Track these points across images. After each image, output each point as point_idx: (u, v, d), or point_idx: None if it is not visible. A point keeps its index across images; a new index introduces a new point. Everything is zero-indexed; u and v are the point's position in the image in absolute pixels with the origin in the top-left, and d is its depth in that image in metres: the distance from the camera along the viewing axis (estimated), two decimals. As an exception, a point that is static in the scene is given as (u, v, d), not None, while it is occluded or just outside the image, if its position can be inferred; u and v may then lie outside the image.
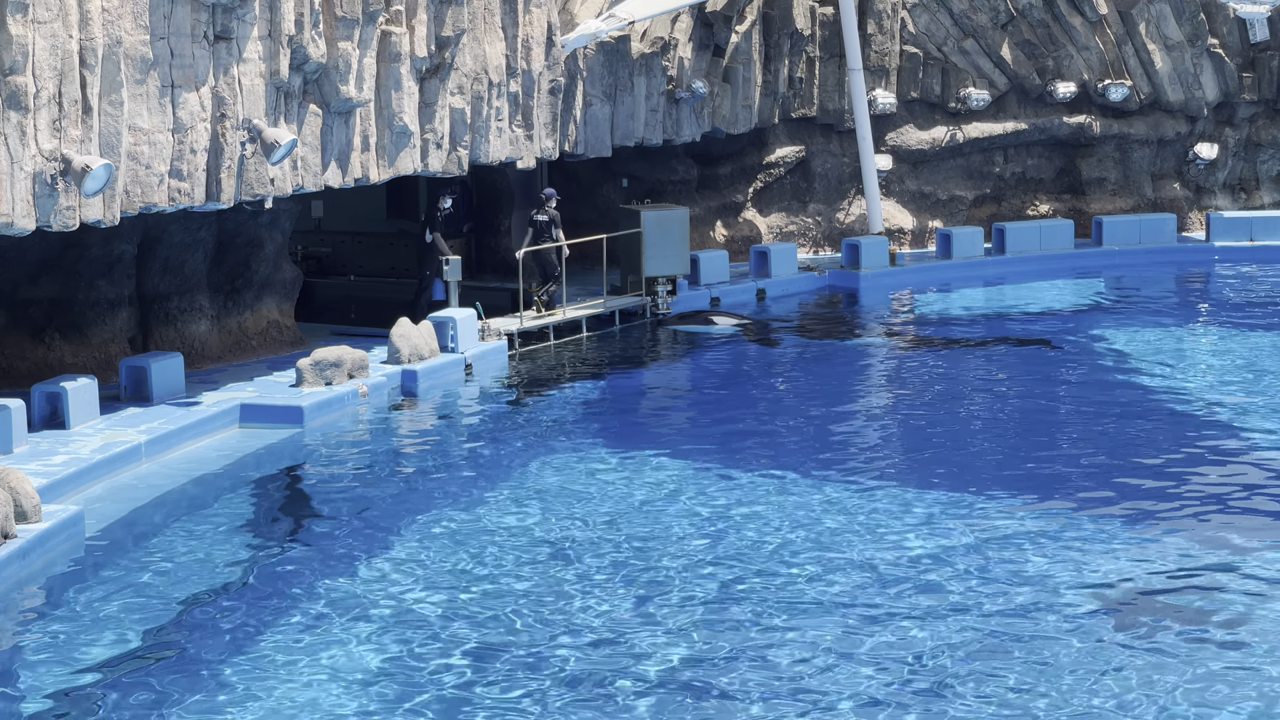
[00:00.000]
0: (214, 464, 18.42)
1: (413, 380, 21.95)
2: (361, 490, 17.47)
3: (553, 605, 13.64)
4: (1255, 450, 18.41)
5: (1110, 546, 14.86)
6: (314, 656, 12.62)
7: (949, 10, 33.28)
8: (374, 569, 14.70)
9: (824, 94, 32.53)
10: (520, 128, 25.11)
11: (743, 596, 13.75)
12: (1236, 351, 24.00)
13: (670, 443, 19.35)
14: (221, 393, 20.48)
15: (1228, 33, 34.36)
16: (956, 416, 20.34)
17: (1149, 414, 20.25)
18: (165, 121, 18.32)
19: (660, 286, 27.26)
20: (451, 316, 23.11)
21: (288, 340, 23.44)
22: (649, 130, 28.40)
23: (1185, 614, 13.21)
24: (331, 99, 20.79)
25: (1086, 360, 23.67)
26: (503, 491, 17.21)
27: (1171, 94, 34.03)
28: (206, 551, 15.33)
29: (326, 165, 21.03)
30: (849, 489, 16.95)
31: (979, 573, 14.21)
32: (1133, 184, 34.64)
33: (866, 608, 13.43)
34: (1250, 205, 35.12)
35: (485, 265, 29.01)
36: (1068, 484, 17.15)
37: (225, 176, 19.04)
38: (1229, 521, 15.67)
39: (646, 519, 16.03)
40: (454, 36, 23.04)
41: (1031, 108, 34.06)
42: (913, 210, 33.39)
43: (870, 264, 30.31)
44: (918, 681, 11.93)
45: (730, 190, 32.22)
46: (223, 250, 22.70)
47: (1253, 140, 35.11)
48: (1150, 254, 32.48)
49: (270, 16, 19.46)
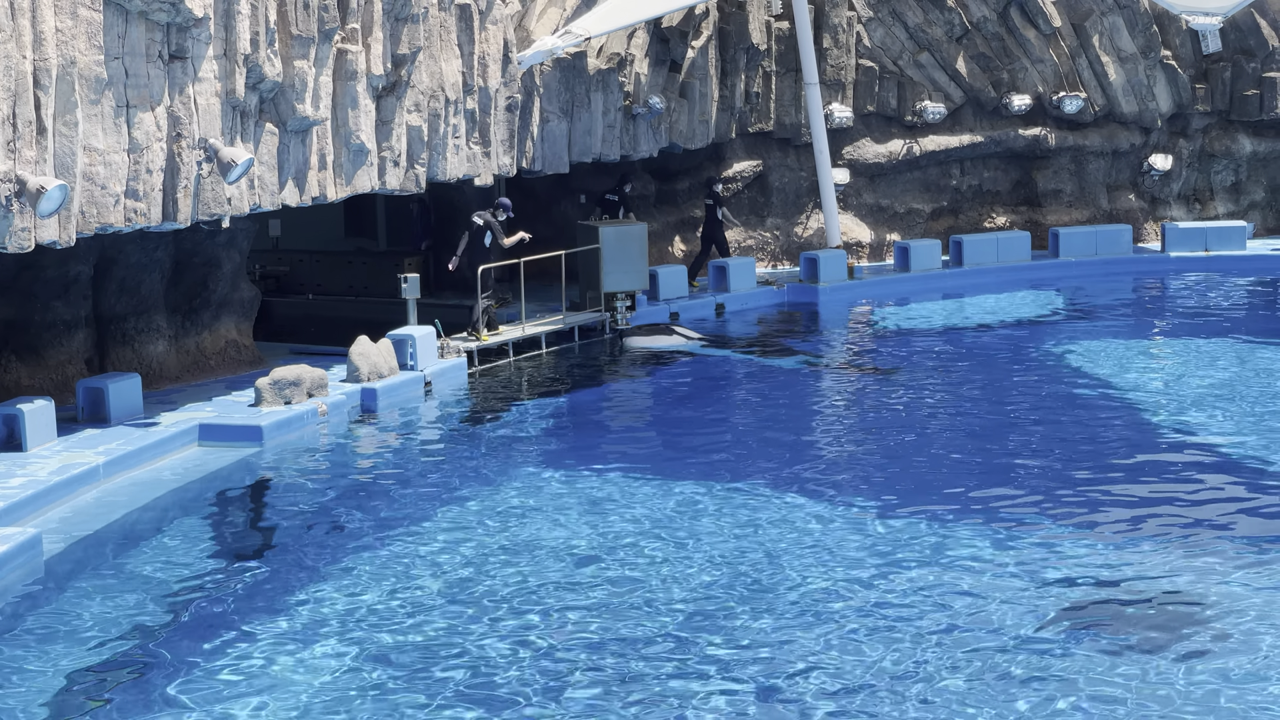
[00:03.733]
0: (173, 485, 18.34)
1: (372, 398, 21.91)
2: (321, 509, 17.41)
3: (512, 622, 13.62)
4: (1212, 458, 18.51)
5: (1067, 556, 14.91)
6: (273, 678, 12.57)
7: (904, 24, 33.43)
8: (334, 589, 14.65)
9: (780, 108, 32.63)
10: (477, 145, 25.11)
11: (710, 606, 13.76)
12: (1194, 361, 24.13)
13: (630, 458, 19.35)
14: (180, 413, 20.40)
15: (1180, 44, 34.61)
16: (914, 428, 20.39)
17: (1107, 424, 20.35)
18: (120, 141, 18.25)
19: (619, 302, 27.31)
20: (410, 334, 23.07)
21: (246, 360, 23.37)
22: (606, 146, 28.44)
23: (1145, 623, 13.26)
24: (288, 118, 20.75)
25: (1044, 371, 23.76)
26: (463, 509, 17.17)
27: (1125, 106, 34.26)
28: (166, 572, 15.26)
29: (284, 184, 20.98)
30: (809, 502, 16.96)
31: (934, 584, 14.24)
32: (1088, 196, 34.85)
33: (818, 619, 13.44)
34: (1205, 216, 35.37)
35: (444, 283, 29.00)
36: (1025, 494, 17.20)
37: (182, 196, 18.97)
38: (1188, 530, 15.73)
39: (606, 534, 16.02)
40: (410, 54, 23.04)
41: (987, 120, 34.25)
42: (870, 223, 33.51)
43: (828, 278, 30.41)
44: (874, 692, 11.95)
45: (688, 205, 32.28)
46: (180, 270, 22.63)
47: (1206, 151, 35.36)
48: (1106, 265, 32.69)
49: (225, 35, 19.42)
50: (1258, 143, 35.30)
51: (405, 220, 30.43)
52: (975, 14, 33.63)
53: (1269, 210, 35.73)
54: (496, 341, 25.15)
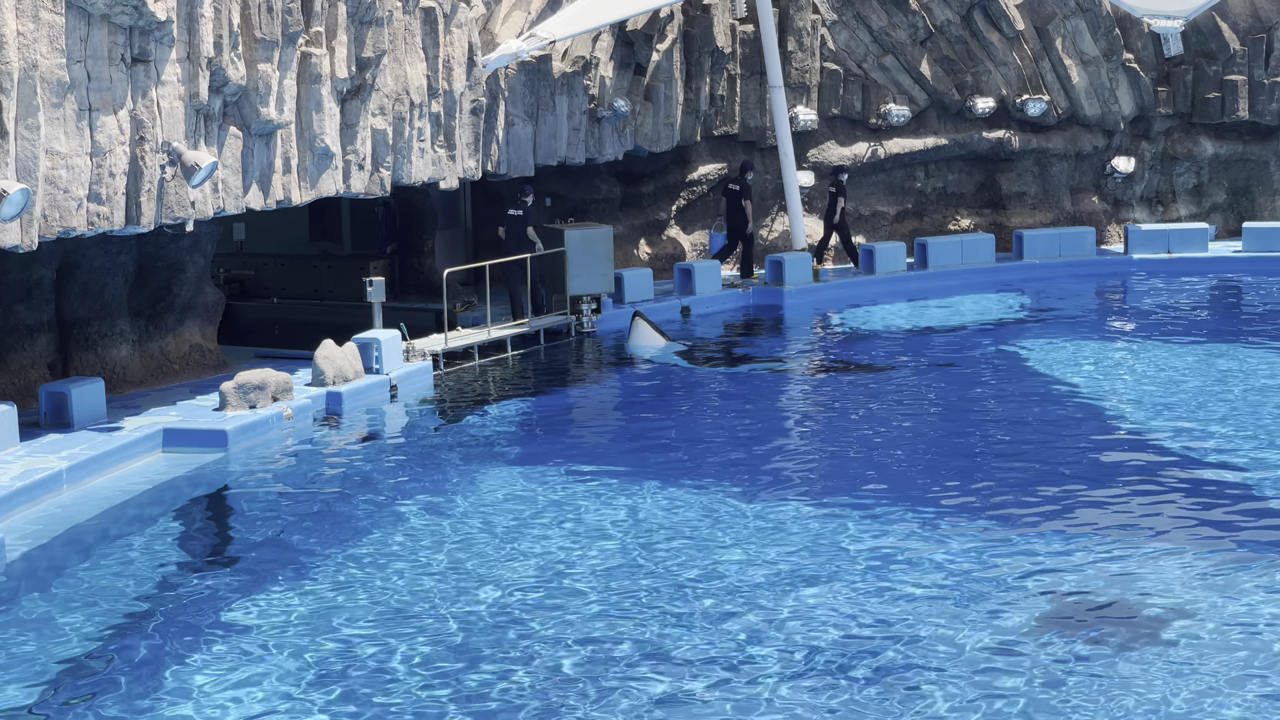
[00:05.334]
0: (137, 489, 18.27)
1: (337, 402, 21.86)
2: (286, 513, 17.37)
3: (478, 625, 13.60)
4: (1172, 460, 18.59)
5: (1030, 557, 14.96)
6: (239, 683, 12.53)
7: (868, 27, 33.51)
8: (299, 593, 14.62)
9: (745, 111, 32.68)
10: (443, 148, 25.09)
11: (678, 608, 13.77)
12: (1156, 363, 24.25)
13: (597, 460, 19.35)
14: (144, 417, 20.32)
15: (1142, 48, 34.77)
16: (879, 431, 20.44)
17: (1069, 426, 20.43)
18: (83, 145, 18.18)
19: (585, 305, 27.32)
20: (376, 338, 23.04)
21: (210, 363, 23.30)
22: (571, 149, 28.44)
23: (1104, 623, 13.32)
24: (252, 121, 20.70)
25: (1008, 373, 23.85)
26: (428, 512, 17.15)
27: (1088, 108, 34.40)
28: (130, 578, 15.20)
29: (248, 187, 20.93)
30: (773, 504, 16.99)
31: (900, 583, 14.28)
32: (1052, 198, 34.99)
33: (779, 620, 13.46)
34: (1167, 218, 35.54)
35: (409, 286, 28.97)
36: (988, 495, 17.25)
37: (145, 200, 18.90)
38: (1151, 530, 15.81)
39: (572, 536, 16.02)
40: (374, 58, 23.00)
41: (951, 123, 34.35)
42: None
43: (794, 280, 30.47)
44: (837, 695, 11.97)
45: (653, 208, 32.29)
46: (143, 274, 22.54)
47: (1169, 154, 35.53)
48: (1070, 267, 32.82)
49: (189, 39, 19.35)
50: (1219, 145, 35.47)
51: (370, 224, 30.36)
52: (939, 17, 33.74)
53: (1230, 212, 35.91)
54: (462, 345, 25.12)
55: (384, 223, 29.47)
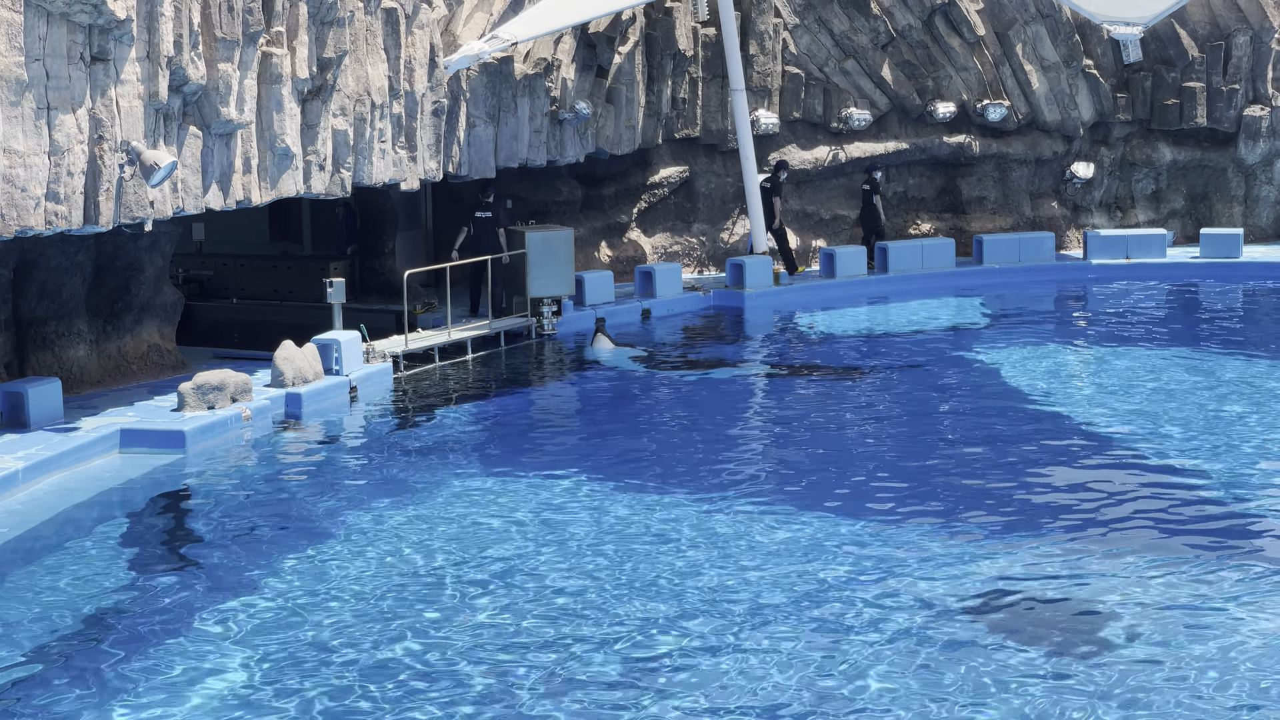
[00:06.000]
0: (93, 490, 18.18)
1: (297, 403, 21.80)
2: (244, 515, 17.30)
3: (439, 629, 13.58)
4: (1132, 464, 18.69)
5: (986, 561, 15.02)
6: (192, 689, 12.48)
7: (830, 31, 33.59)
8: (255, 596, 14.57)
9: (707, 114, 32.72)
10: (404, 149, 25.04)
11: (637, 612, 13.78)
12: (1114, 367, 24.36)
13: (556, 463, 19.34)
14: (101, 418, 20.22)
15: (1102, 54, 34.95)
16: (837, 434, 20.49)
17: (1028, 429, 20.50)
18: (41, 144, 18.08)
19: (545, 307, 27.31)
20: (336, 339, 22.97)
21: (169, 364, 23.20)
22: (533, 151, 28.42)
23: (1054, 625, 13.37)
24: (212, 121, 20.62)
25: (966, 376, 23.93)
26: (387, 515, 17.11)
27: (1048, 114, 34.56)
28: (86, 580, 15.12)
29: (207, 187, 20.85)
30: (733, 507, 17.01)
31: (853, 587, 14.31)
32: (1012, 203, 35.13)
33: (735, 623, 13.47)
34: (1126, 224, 35.71)
35: (369, 287, 28.92)
36: (946, 500, 17.30)
37: (104, 199, 18.81)
38: (1106, 534, 15.88)
39: (531, 540, 16.01)
40: (336, 58, 22.94)
41: (912, 128, 34.46)
42: (796, 230, 33.64)
43: (754, 283, 30.52)
44: (792, 695, 11.99)
45: (614, 211, 32.30)
46: (101, 274, 22.44)
47: (1127, 160, 35.72)
48: (1030, 272, 32.96)
49: (148, 38, 19.27)
50: (1177, 152, 35.67)
51: (331, 224, 30.31)
52: (900, 22, 33.84)
53: (1188, 218, 36.11)
54: (423, 346, 25.08)
55: (344, 224, 29.42)
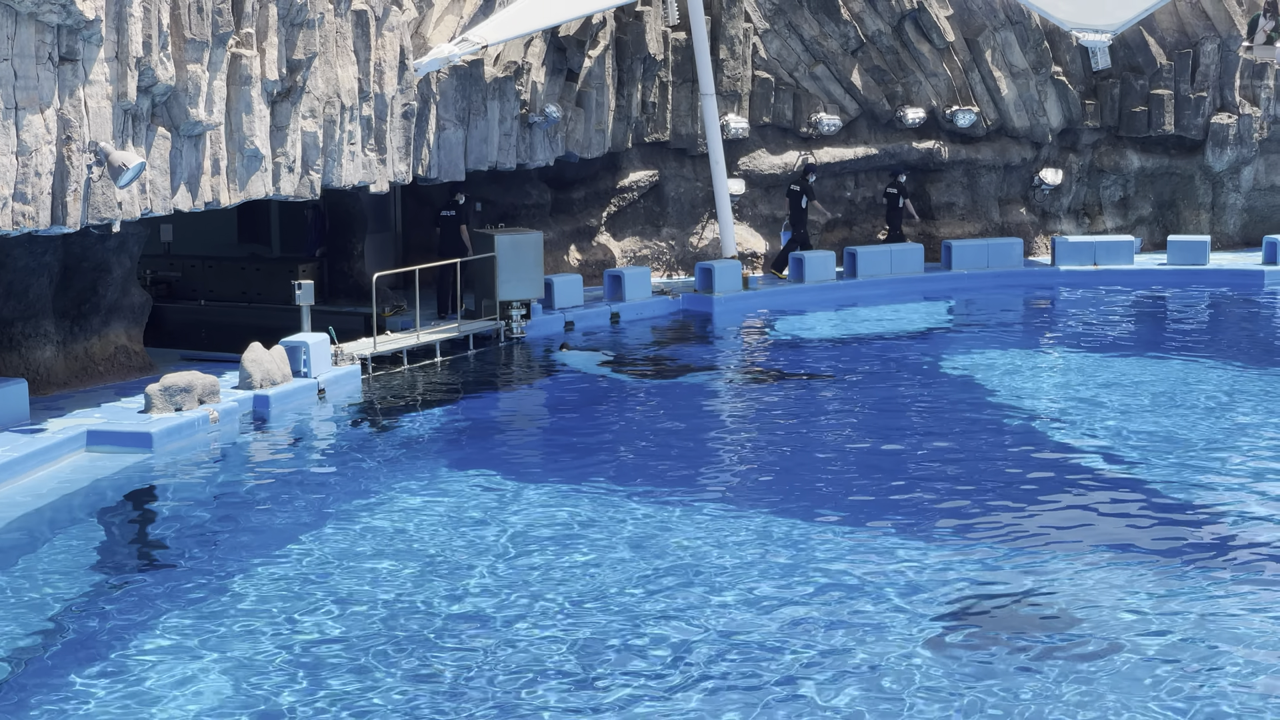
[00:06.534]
0: (60, 492, 18.11)
1: (264, 405, 21.75)
2: (211, 517, 17.26)
3: (404, 632, 13.57)
4: (1096, 469, 18.76)
5: (948, 565, 15.06)
6: (156, 691, 12.45)
7: (800, 36, 33.65)
8: (222, 597, 14.53)
9: (677, 118, 32.74)
10: (373, 152, 25.01)
11: (598, 618, 13.79)
12: (1080, 373, 24.44)
13: (522, 467, 19.34)
14: (68, 419, 20.15)
15: (1071, 61, 35.09)
16: (801, 437, 20.52)
17: (992, 434, 20.57)
18: (9, 144, 18.01)
19: (515, 310, 27.30)
20: (304, 341, 22.93)
21: (136, 366, 23.13)
22: (502, 154, 28.41)
23: (1015, 628, 13.42)
24: (180, 122, 20.57)
25: (933, 381, 23.99)
26: (353, 518, 17.09)
27: (1017, 120, 34.68)
28: (51, 582, 15.07)
29: (176, 189, 20.79)
30: (694, 511, 17.03)
31: (812, 592, 14.34)
32: (980, 209, 35.24)
33: (695, 625, 13.49)
34: (1093, 230, 35.85)
35: (338, 289, 28.87)
36: (906, 501, 17.35)
37: (71, 200, 18.75)
38: (1067, 540, 15.94)
39: (497, 543, 16.00)
40: (305, 60, 22.90)
41: (881, 133, 34.53)
42: (765, 234, 33.68)
43: (723, 288, 30.55)
44: (755, 697, 12.02)
45: (584, 214, 32.30)
46: (69, 275, 22.36)
47: (1095, 166, 35.86)
48: (998, 278, 33.05)
49: (117, 39, 19.22)
50: (1145, 159, 35.82)
51: (299, 226, 30.26)
52: (870, 27, 33.92)
53: (1155, 225, 36.26)
54: (391, 349, 25.05)
55: (313, 226, 29.38)
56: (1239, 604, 13.99)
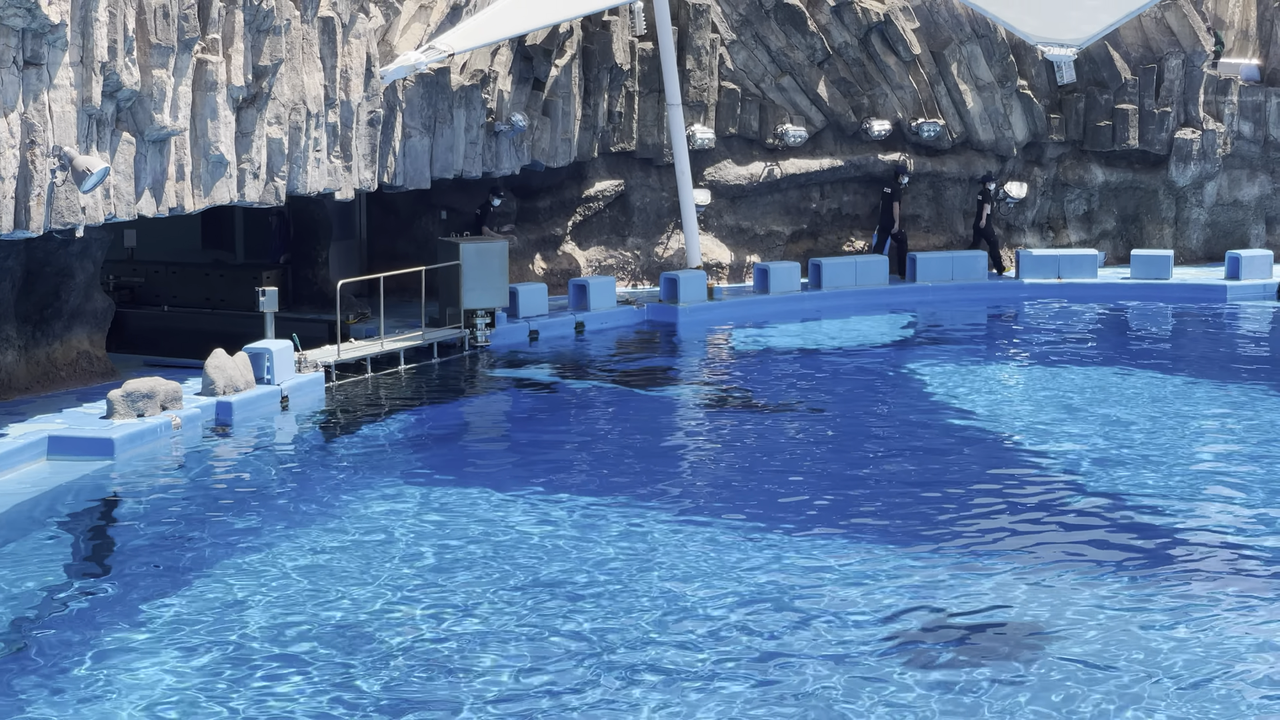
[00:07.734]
0: (20, 498, 18.02)
1: (227, 412, 21.69)
2: (173, 524, 17.20)
3: (367, 642, 13.55)
4: (1061, 482, 18.83)
5: (910, 578, 15.10)
6: (115, 699, 12.40)
7: (766, 48, 33.73)
8: (182, 605, 14.49)
9: (643, 128, 32.78)
10: (339, 158, 24.98)
11: (563, 625, 13.79)
12: (1044, 386, 24.54)
13: (485, 476, 19.33)
14: (28, 424, 20.06)
15: (1036, 74, 35.24)
16: (764, 448, 20.55)
17: (954, 446, 20.63)
18: (-28, 148, 17.93)
19: (479, 319, 27.27)
20: (268, 348, 22.87)
21: (99, 371, 23.05)
22: (468, 163, 28.40)
23: (982, 643, 13.47)
24: (145, 127, 20.51)
25: (898, 394, 24.05)
26: (315, 525, 17.06)
27: (982, 133, 34.81)
28: (9, 589, 14.99)
29: (140, 194, 20.73)
30: (659, 521, 17.04)
31: (775, 608, 14.36)
32: (945, 221, 35.35)
33: (656, 635, 13.51)
34: (1058, 244, 35.99)
35: (302, 296, 28.79)
36: (870, 514, 17.39)
37: (34, 204, 18.68)
38: (1034, 551, 16.00)
39: (459, 551, 15.99)
40: (271, 66, 22.86)
41: (847, 145, 34.62)
42: (731, 245, 33.74)
43: (688, 298, 30.58)
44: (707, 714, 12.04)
45: (549, 223, 32.30)
46: (31, 279, 22.27)
47: (1060, 180, 36.01)
48: (962, 290, 33.14)
49: (82, 43, 19.15)
50: (1109, 173, 35.99)
51: (264, 233, 30.18)
52: (837, 39, 34.02)
53: (1119, 239, 36.43)
54: (355, 357, 25.01)
55: (278, 232, 29.31)
56: (1206, 617, 14.07)
